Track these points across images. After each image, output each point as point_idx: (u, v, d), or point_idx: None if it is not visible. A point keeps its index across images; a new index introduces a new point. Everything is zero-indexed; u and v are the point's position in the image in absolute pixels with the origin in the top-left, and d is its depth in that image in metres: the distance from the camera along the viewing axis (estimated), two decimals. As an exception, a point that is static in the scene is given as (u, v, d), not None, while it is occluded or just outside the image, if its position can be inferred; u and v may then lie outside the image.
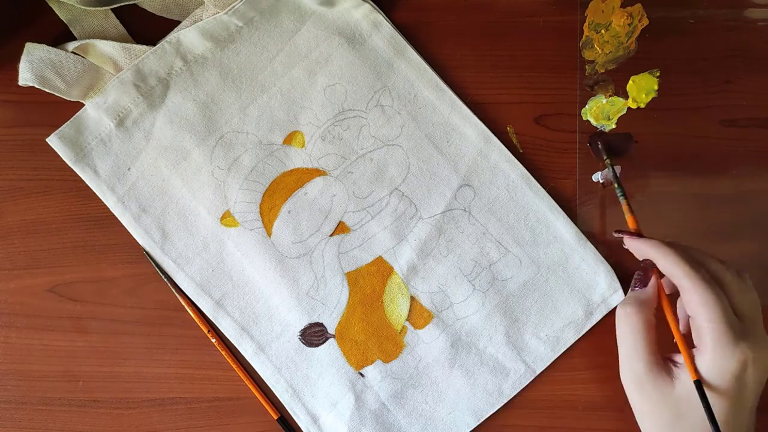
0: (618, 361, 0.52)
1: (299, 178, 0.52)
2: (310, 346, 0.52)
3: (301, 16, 0.52)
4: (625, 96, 0.52)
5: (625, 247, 0.46)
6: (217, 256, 0.52)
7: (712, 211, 0.52)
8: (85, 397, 0.52)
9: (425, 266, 0.51)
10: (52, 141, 0.51)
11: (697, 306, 0.40)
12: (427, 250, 0.51)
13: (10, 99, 0.52)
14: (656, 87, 0.52)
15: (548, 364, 0.51)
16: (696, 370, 0.40)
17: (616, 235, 0.45)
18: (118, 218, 0.52)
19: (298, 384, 0.52)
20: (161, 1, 0.51)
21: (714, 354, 0.39)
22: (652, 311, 0.42)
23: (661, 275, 0.44)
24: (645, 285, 0.43)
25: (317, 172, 0.52)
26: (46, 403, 0.52)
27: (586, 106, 0.52)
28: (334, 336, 0.52)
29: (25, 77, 0.49)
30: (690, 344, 0.42)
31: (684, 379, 0.41)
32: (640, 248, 0.43)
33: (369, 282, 0.52)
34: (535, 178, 0.51)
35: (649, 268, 0.44)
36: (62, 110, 0.51)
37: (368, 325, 0.51)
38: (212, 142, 0.51)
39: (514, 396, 0.51)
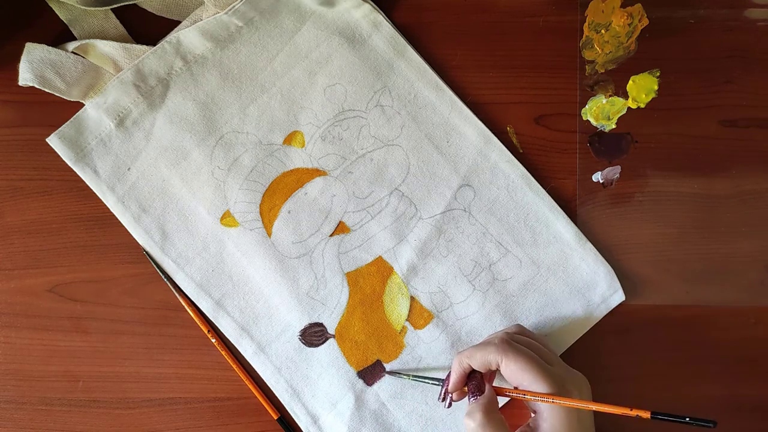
0: (618, 361, 0.52)
1: (299, 178, 0.52)
2: (310, 346, 0.52)
3: (301, 16, 0.52)
4: (625, 96, 0.52)
5: (451, 390, 0.46)
6: (217, 256, 0.52)
7: (712, 211, 0.52)
8: (85, 397, 0.52)
9: (425, 266, 0.51)
10: (52, 141, 0.51)
11: (519, 371, 0.43)
12: (427, 250, 0.51)
13: (10, 99, 0.52)
14: (656, 87, 0.52)
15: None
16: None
17: (442, 401, 0.47)
18: (118, 218, 0.52)
19: (298, 384, 0.52)
20: (161, 1, 0.51)
21: (547, 388, 0.42)
22: (498, 409, 0.44)
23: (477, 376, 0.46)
24: (482, 390, 0.44)
25: (317, 172, 0.52)
26: (46, 403, 0.52)
27: (586, 106, 0.52)
28: (334, 336, 0.52)
29: (25, 77, 0.49)
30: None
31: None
32: (456, 378, 0.45)
33: (369, 282, 0.52)
34: (535, 178, 0.51)
35: (476, 377, 0.45)
36: (62, 110, 0.51)
37: (368, 325, 0.51)
38: (212, 142, 0.51)
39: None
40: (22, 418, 0.52)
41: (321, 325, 0.52)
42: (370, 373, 0.51)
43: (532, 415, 0.45)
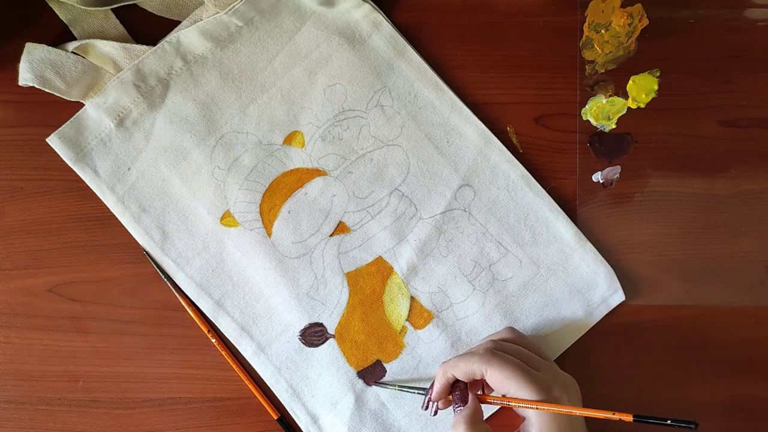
0: (618, 361, 0.52)
1: (299, 178, 0.52)
2: (310, 346, 0.52)
3: (301, 16, 0.52)
4: (625, 96, 0.52)
5: (434, 399, 0.46)
6: (217, 256, 0.52)
7: (712, 211, 0.52)
8: (85, 397, 0.52)
9: (425, 266, 0.51)
10: (52, 141, 0.51)
11: (505, 380, 0.42)
12: (427, 250, 0.51)
13: (10, 99, 0.52)
14: (656, 87, 0.52)
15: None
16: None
17: (425, 409, 0.47)
18: (118, 218, 0.52)
19: (298, 384, 0.52)
20: (161, 1, 0.51)
21: (534, 394, 0.42)
22: (482, 420, 0.43)
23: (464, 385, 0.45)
24: (465, 401, 0.44)
25: (317, 172, 0.52)
26: (46, 403, 0.52)
27: (586, 106, 0.52)
28: (334, 336, 0.52)
29: (25, 77, 0.49)
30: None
31: None
32: (439, 388, 0.45)
33: (369, 282, 0.52)
34: (535, 178, 0.51)
35: (460, 387, 0.45)
36: (62, 110, 0.51)
37: (368, 325, 0.51)
38: (212, 142, 0.51)
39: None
40: (22, 418, 0.52)
41: (321, 325, 0.52)
42: (370, 373, 0.51)
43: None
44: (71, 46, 0.50)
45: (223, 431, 0.52)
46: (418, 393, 0.49)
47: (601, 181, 0.52)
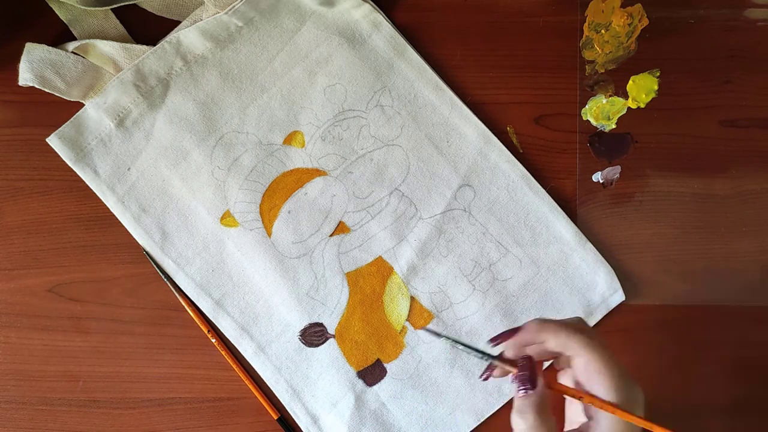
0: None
1: (299, 178, 0.52)
2: (310, 346, 0.52)
3: (301, 17, 0.52)
4: (625, 96, 0.52)
5: (507, 352, 0.39)
6: (217, 256, 0.52)
7: (712, 211, 0.52)
8: (85, 397, 0.52)
9: (425, 266, 0.51)
10: (52, 141, 0.51)
11: (596, 373, 0.36)
12: (427, 250, 0.51)
13: (10, 99, 0.52)
14: (656, 87, 0.52)
15: (548, 364, 0.51)
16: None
17: (493, 344, 0.39)
18: (118, 218, 0.52)
19: (298, 384, 0.52)
20: (161, 1, 0.51)
21: (619, 399, 0.36)
22: (549, 410, 0.37)
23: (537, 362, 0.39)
24: (534, 384, 0.37)
25: (317, 172, 0.52)
26: (46, 403, 0.52)
27: (586, 106, 0.52)
28: (334, 336, 0.52)
29: (25, 77, 0.49)
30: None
31: None
32: (524, 339, 0.38)
33: (369, 282, 0.52)
34: (535, 178, 0.51)
35: (530, 363, 0.38)
36: (62, 110, 0.51)
37: (368, 325, 0.51)
38: (212, 142, 0.51)
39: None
40: (22, 418, 0.52)
41: (321, 325, 0.52)
42: (370, 373, 0.51)
43: (583, 419, 0.39)
44: (71, 46, 0.50)
45: (223, 431, 0.52)
46: (476, 355, 0.39)
47: (601, 181, 0.52)
